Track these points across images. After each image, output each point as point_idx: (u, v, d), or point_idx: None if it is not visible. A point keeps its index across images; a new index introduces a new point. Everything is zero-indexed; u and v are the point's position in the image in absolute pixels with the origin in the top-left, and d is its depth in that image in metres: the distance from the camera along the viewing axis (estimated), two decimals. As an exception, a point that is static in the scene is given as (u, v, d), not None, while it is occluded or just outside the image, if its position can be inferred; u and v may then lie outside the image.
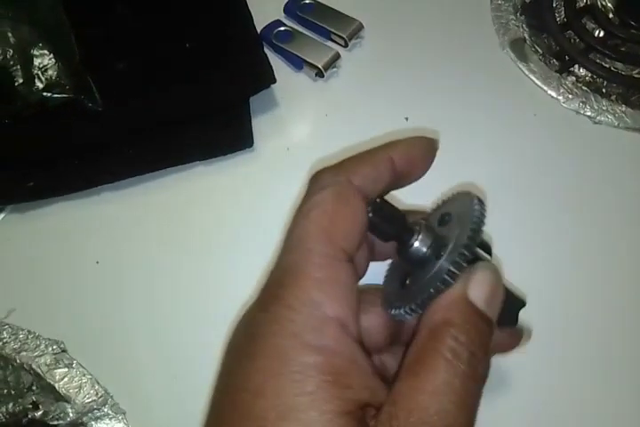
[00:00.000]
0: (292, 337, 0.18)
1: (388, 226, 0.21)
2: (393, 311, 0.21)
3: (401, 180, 0.23)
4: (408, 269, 0.23)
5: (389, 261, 0.25)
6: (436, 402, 0.18)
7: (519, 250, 0.36)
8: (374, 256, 0.24)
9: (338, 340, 0.19)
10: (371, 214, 0.21)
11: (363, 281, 0.23)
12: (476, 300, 0.20)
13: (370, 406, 0.19)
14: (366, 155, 0.23)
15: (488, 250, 0.23)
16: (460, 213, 0.22)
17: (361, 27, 0.43)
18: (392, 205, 0.22)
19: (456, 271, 0.20)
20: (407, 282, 0.23)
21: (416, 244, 0.21)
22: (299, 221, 0.21)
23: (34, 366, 0.33)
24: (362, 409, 0.18)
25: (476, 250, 0.21)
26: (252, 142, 0.39)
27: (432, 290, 0.20)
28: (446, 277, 0.20)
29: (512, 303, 0.23)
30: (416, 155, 0.24)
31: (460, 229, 0.21)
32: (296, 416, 0.18)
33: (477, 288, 0.20)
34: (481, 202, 0.21)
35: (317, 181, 0.22)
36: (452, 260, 0.20)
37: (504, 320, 0.21)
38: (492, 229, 0.36)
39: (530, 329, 0.32)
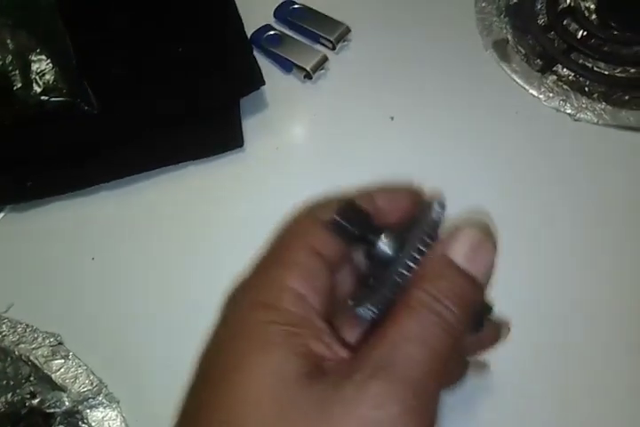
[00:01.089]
0: (248, 301, 0.21)
1: (352, 227, 0.21)
2: (357, 311, 0.21)
3: (382, 216, 0.24)
4: (372, 270, 0.23)
5: None
6: (401, 350, 0.18)
7: (500, 247, 0.37)
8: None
9: (291, 302, 0.20)
10: (335, 216, 0.21)
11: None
12: (454, 255, 0.20)
13: (326, 360, 0.19)
14: (354, 193, 0.24)
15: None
16: (421, 217, 0.22)
17: (348, 30, 0.44)
18: (359, 208, 0.22)
19: (412, 265, 0.20)
20: (370, 281, 0.23)
21: (381, 245, 0.21)
22: (291, 225, 0.23)
23: (32, 358, 0.34)
24: (316, 357, 0.19)
25: (429, 243, 0.21)
26: (243, 142, 0.41)
27: (388, 288, 0.20)
28: (402, 270, 0.20)
29: (477, 309, 0.23)
30: (399, 203, 0.24)
31: (419, 228, 0.21)
32: (249, 360, 0.19)
33: (456, 244, 0.20)
34: (441, 204, 0.22)
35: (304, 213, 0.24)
36: (408, 254, 0.20)
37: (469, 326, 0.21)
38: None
39: (509, 323, 0.33)
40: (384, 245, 0.21)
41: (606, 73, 0.44)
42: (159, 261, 0.38)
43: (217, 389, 0.19)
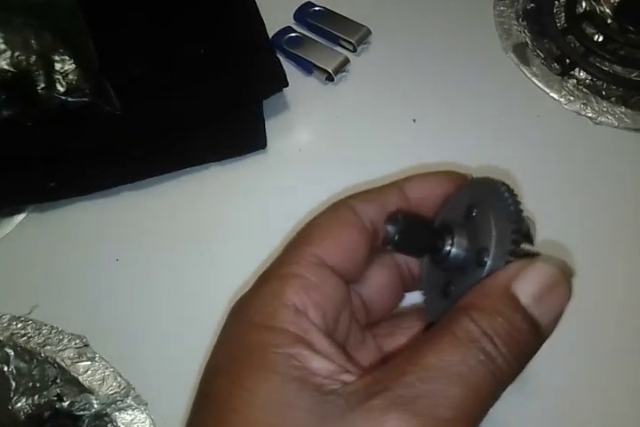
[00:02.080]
0: (245, 320, 0.20)
1: (414, 241, 0.19)
2: None
3: (416, 208, 0.22)
4: (447, 276, 0.21)
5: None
6: (434, 381, 0.16)
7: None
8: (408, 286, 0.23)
9: (288, 320, 0.19)
10: (390, 229, 0.19)
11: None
12: (520, 292, 0.17)
13: (332, 378, 0.18)
14: (378, 186, 0.23)
15: (530, 240, 0.20)
16: (488, 204, 0.19)
17: (369, 32, 0.44)
18: (412, 216, 0.20)
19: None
20: (450, 289, 0.20)
21: (453, 250, 0.19)
22: (297, 233, 0.21)
23: (58, 360, 0.34)
24: (317, 377, 0.18)
25: (524, 245, 0.18)
26: (265, 144, 0.41)
27: None
28: None
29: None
30: (429, 189, 0.22)
31: (496, 222, 0.18)
32: (246, 386, 0.18)
33: (526, 280, 0.17)
34: (509, 188, 0.19)
35: (325, 209, 0.22)
36: (501, 260, 0.18)
37: None
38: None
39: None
40: (457, 249, 0.19)
41: (623, 76, 0.44)
42: (183, 261, 0.38)
43: (215, 413, 0.19)
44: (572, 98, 0.42)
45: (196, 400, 0.20)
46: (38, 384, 0.33)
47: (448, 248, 0.19)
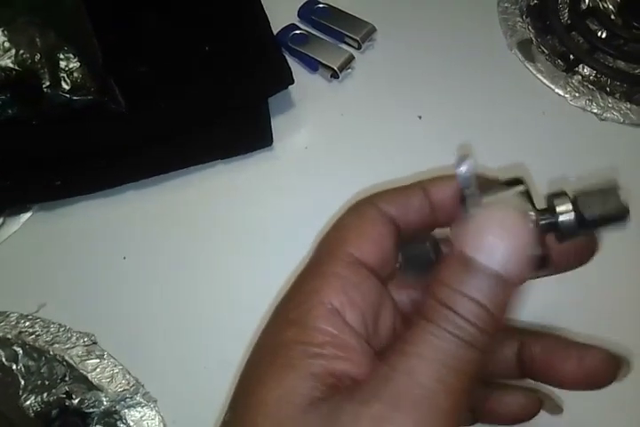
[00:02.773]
0: (282, 317, 0.20)
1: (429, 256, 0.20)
2: None
3: (441, 213, 0.22)
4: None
5: None
6: (407, 374, 0.17)
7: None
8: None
9: (322, 319, 0.19)
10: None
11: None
12: (469, 251, 0.17)
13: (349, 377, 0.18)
14: (401, 187, 0.22)
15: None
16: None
17: (374, 30, 0.44)
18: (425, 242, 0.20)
19: None
20: None
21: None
22: (327, 234, 0.22)
23: (66, 358, 0.34)
24: (337, 378, 0.18)
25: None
26: (272, 141, 0.41)
27: None
28: None
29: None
30: (453, 191, 0.21)
31: None
32: (265, 383, 0.18)
33: (470, 236, 0.17)
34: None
35: (350, 208, 0.22)
36: None
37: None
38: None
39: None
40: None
41: (627, 72, 0.44)
42: (190, 259, 0.38)
43: (238, 412, 0.19)
44: (577, 94, 0.42)
45: (232, 398, 0.20)
46: (47, 382, 0.33)
47: None
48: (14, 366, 0.34)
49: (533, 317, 0.32)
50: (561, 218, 0.18)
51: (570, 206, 0.19)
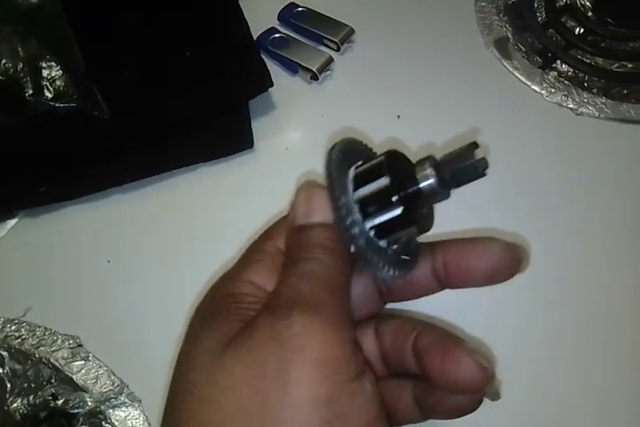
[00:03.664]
0: (215, 292, 0.23)
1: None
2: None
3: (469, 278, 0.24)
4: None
5: None
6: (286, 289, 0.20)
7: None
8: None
9: (249, 289, 0.22)
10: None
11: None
12: (298, 219, 0.22)
13: None
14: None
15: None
16: None
17: (352, 31, 0.45)
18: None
19: None
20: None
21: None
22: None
23: (52, 360, 0.34)
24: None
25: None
26: (253, 143, 0.41)
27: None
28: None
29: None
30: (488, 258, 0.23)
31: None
32: (200, 333, 0.21)
33: (295, 209, 0.23)
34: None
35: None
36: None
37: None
38: (480, 222, 0.38)
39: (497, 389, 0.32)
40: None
41: (604, 68, 0.45)
42: (174, 261, 0.38)
43: (177, 361, 0.22)
44: (553, 90, 0.43)
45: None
46: (33, 385, 0.34)
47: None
48: (0, 370, 0.34)
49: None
50: (422, 183, 0.20)
51: (430, 171, 0.21)
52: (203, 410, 0.19)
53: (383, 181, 0.21)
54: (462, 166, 0.20)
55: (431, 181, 0.20)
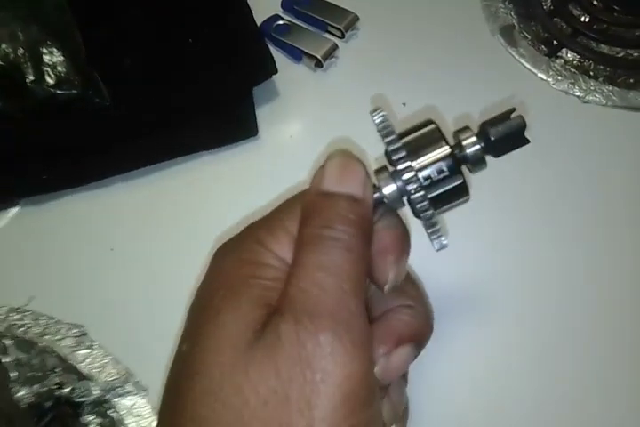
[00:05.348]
0: (234, 257, 0.22)
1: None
2: None
3: None
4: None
5: None
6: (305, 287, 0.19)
7: (506, 229, 0.38)
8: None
9: (272, 260, 0.21)
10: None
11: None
12: (327, 185, 0.21)
13: None
14: None
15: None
16: None
17: (356, 18, 0.45)
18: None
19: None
20: None
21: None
22: None
23: (56, 349, 0.34)
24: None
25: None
26: (257, 131, 0.41)
27: None
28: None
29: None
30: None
31: None
32: (223, 312, 0.20)
33: (325, 174, 0.22)
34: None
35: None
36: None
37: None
38: (481, 211, 0.38)
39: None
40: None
41: (610, 55, 0.45)
42: (178, 249, 0.38)
43: (193, 340, 0.20)
44: (559, 78, 0.43)
45: (183, 332, 0.22)
46: (38, 373, 0.33)
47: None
48: (5, 359, 0.34)
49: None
50: (468, 150, 0.21)
51: (474, 138, 0.21)
52: (225, 418, 0.19)
53: (443, 150, 0.20)
54: (508, 130, 0.21)
55: (477, 147, 0.20)
